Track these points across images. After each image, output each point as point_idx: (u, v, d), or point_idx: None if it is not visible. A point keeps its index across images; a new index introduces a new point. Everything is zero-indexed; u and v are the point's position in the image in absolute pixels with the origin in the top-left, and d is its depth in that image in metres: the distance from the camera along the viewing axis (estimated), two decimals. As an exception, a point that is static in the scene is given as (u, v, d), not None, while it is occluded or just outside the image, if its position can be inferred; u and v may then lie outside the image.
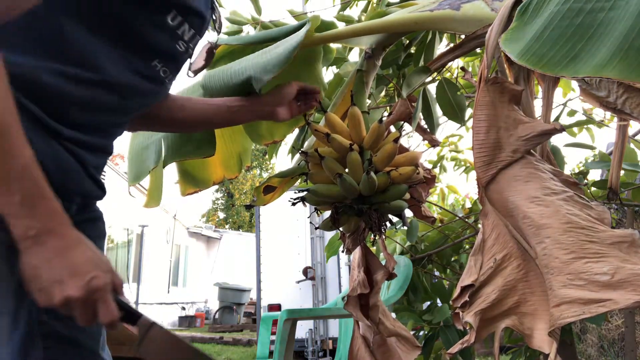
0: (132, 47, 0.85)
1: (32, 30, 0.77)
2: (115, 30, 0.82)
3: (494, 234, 0.89)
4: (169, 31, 0.88)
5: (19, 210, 0.65)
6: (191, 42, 0.94)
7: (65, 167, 0.80)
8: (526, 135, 0.87)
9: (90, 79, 0.81)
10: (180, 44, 0.91)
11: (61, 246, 0.67)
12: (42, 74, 0.75)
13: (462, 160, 3.05)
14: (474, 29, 1.12)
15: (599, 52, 0.72)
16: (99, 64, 0.81)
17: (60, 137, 0.79)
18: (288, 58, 1.10)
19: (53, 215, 0.67)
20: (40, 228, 0.66)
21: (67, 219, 0.69)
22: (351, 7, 2.24)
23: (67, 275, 0.66)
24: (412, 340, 1.26)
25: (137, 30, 0.84)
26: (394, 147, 1.12)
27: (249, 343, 8.96)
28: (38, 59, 0.76)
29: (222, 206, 25.10)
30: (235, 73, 1.16)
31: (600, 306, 0.67)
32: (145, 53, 0.88)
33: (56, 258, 0.66)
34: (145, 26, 0.84)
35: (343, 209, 1.13)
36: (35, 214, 0.65)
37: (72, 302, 0.66)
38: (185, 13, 0.89)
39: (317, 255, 6.79)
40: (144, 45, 0.86)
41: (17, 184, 0.64)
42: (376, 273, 1.25)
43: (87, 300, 0.67)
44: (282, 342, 2.28)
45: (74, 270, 0.66)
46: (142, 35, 0.85)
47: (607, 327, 3.39)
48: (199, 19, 0.94)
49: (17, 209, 0.65)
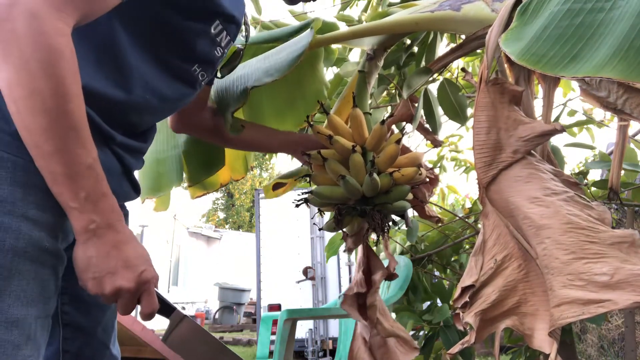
0: (176, 54, 0.88)
1: (89, 37, 0.78)
2: (161, 39, 0.85)
3: (495, 234, 0.90)
4: (210, 39, 0.91)
5: (83, 205, 0.69)
6: (227, 47, 0.98)
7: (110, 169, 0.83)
8: (526, 136, 0.87)
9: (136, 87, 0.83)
10: (218, 50, 0.95)
11: (117, 240, 0.71)
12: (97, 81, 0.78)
13: (462, 161, 3.05)
14: (475, 29, 1.12)
15: (599, 52, 0.72)
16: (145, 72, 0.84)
17: (113, 142, 0.83)
18: (291, 65, 1.11)
19: (112, 212, 0.72)
20: (100, 222, 0.70)
21: (122, 216, 0.74)
22: (351, 7, 2.25)
23: (121, 267, 0.71)
24: (411, 342, 1.26)
25: (182, 38, 0.87)
26: (396, 148, 1.12)
27: (249, 343, 8.96)
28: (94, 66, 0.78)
29: (222, 206, 25.10)
30: (237, 79, 1.17)
31: (600, 306, 0.67)
32: (187, 59, 0.91)
33: (112, 251, 0.71)
34: (190, 35, 0.87)
35: (346, 210, 1.13)
36: (97, 209, 0.70)
37: (122, 292, 0.72)
38: (227, 22, 0.92)
39: (317, 255, 6.79)
40: (187, 53, 0.90)
41: (84, 180, 0.68)
42: (375, 273, 1.25)
43: (136, 291, 0.73)
44: (282, 342, 2.28)
45: (128, 263, 0.72)
46: (186, 43, 0.88)
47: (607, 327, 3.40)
48: (237, 26, 0.97)
49: (82, 203, 0.69)
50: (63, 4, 0.67)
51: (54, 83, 0.65)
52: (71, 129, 0.67)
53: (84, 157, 0.68)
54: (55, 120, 0.65)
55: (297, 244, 6.94)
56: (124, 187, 0.90)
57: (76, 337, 0.90)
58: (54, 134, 0.66)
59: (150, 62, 0.85)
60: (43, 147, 0.66)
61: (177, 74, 0.90)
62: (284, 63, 1.12)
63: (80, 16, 0.70)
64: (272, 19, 2.01)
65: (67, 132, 0.66)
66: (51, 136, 0.66)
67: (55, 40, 0.65)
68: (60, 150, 0.66)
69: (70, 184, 0.68)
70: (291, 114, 1.52)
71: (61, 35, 0.66)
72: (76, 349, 0.91)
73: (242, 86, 1.13)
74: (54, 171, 0.67)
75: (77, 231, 0.70)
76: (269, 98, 1.49)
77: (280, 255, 6.95)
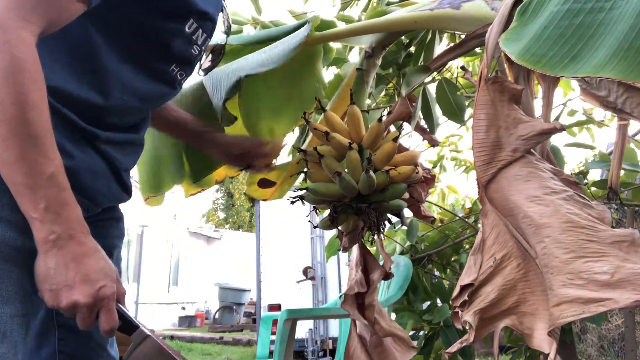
0: (152, 55, 0.88)
1: (63, 41, 0.78)
2: (136, 41, 0.85)
3: (494, 233, 0.89)
4: (186, 37, 0.90)
5: (43, 215, 0.68)
6: (203, 44, 0.97)
7: (96, 171, 0.83)
8: (526, 135, 0.87)
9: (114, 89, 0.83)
10: (194, 48, 0.94)
11: (78, 252, 0.69)
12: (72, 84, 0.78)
13: (462, 160, 3.05)
14: (474, 28, 1.11)
15: (599, 52, 0.72)
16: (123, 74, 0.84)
17: (97, 140, 0.83)
18: (287, 56, 1.11)
19: (74, 223, 0.70)
20: (61, 233, 0.68)
21: (87, 227, 0.72)
22: (351, 7, 2.24)
23: (79, 280, 0.69)
24: (408, 341, 1.26)
25: (158, 39, 0.87)
26: (393, 146, 1.12)
27: (249, 343, 8.96)
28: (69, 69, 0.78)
29: (222, 206, 25.09)
30: (232, 72, 1.17)
31: (600, 305, 0.67)
32: (164, 60, 0.91)
33: (71, 263, 0.69)
34: (165, 35, 0.87)
35: (342, 207, 1.12)
36: (58, 220, 0.68)
37: (79, 307, 0.69)
38: (201, 19, 0.91)
39: (317, 255, 6.79)
40: (163, 53, 0.89)
41: (44, 190, 0.67)
42: (373, 272, 1.25)
43: (93, 307, 0.70)
44: (282, 342, 2.28)
45: (86, 277, 0.69)
46: (162, 44, 0.88)
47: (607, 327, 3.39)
48: (212, 22, 0.96)
49: (42, 214, 0.67)
50: (28, 12, 0.67)
51: (13, 92, 0.64)
52: (31, 137, 0.66)
53: (45, 167, 0.67)
54: (14, 129, 0.65)
55: (297, 244, 6.93)
56: (112, 189, 0.90)
57: (71, 338, 0.91)
58: (13, 143, 0.65)
59: (127, 65, 0.84)
60: (3, 156, 0.66)
61: (155, 75, 0.90)
62: (280, 55, 1.12)
63: (46, 24, 0.70)
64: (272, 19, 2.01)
65: (27, 140, 0.66)
66: (10, 145, 0.65)
67: (18, 49, 0.65)
68: (20, 160, 0.66)
69: (30, 194, 0.67)
70: (287, 111, 1.51)
71: (24, 44, 0.66)
72: (71, 350, 0.91)
73: (236, 76, 1.13)
74: (15, 181, 0.67)
75: (37, 241, 0.69)
76: (266, 94, 1.48)
77: (280, 255, 6.95)
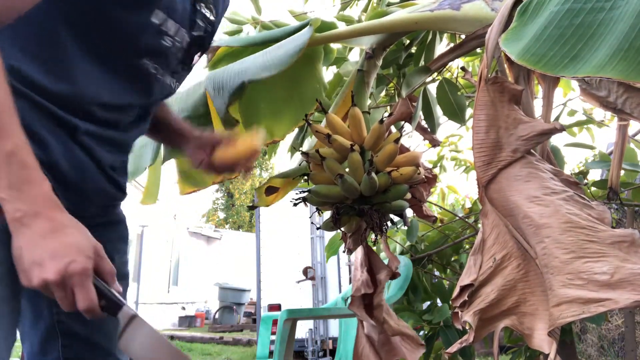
0: (121, 48, 0.86)
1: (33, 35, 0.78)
2: (100, 34, 0.83)
3: (494, 233, 0.89)
4: (155, 29, 0.88)
5: (8, 193, 0.66)
6: (177, 34, 0.93)
7: (80, 166, 0.82)
8: (526, 135, 0.87)
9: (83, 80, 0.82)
10: (166, 40, 0.91)
11: (46, 229, 0.67)
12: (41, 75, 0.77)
13: (462, 160, 3.05)
14: (474, 29, 1.12)
15: (599, 52, 0.72)
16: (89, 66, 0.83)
17: (77, 131, 0.81)
18: (289, 61, 1.11)
19: (40, 199, 0.68)
20: (26, 210, 0.67)
21: (57, 202, 0.70)
22: (351, 7, 2.24)
23: (47, 257, 0.66)
24: (417, 339, 1.26)
25: (124, 32, 0.85)
26: (395, 147, 1.12)
27: (249, 343, 8.96)
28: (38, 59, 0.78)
29: (222, 206, 25.08)
30: (234, 75, 1.17)
31: (600, 306, 0.67)
32: (133, 53, 0.88)
33: (40, 240, 0.67)
34: (129, 27, 0.85)
35: (344, 209, 1.13)
36: (22, 197, 0.67)
37: (49, 285, 0.66)
38: (168, 8, 0.89)
39: (317, 255, 6.79)
40: (131, 47, 0.87)
41: (6, 168, 0.66)
42: (379, 273, 1.25)
43: (64, 284, 0.67)
44: (282, 342, 2.28)
45: (54, 253, 0.66)
46: (129, 37, 0.86)
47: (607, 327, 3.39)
48: (181, 11, 0.93)
49: (6, 192, 0.66)
50: None
51: None
52: None
53: (2, 144, 0.66)
54: None
55: (297, 244, 6.93)
56: (100, 184, 0.88)
57: (74, 345, 0.90)
58: None
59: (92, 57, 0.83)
60: None
61: (124, 68, 0.88)
62: (282, 58, 1.12)
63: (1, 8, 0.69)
64: (272, 18, 2.01)
65: None
66: None
67: None
68: None
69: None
70: (288, 113, 1.52)
71: None
72: (76, 356, 0.90)
73: (239, 80, 1.13)
74: None
75: (8, 221, 0.67)
76: (266, 96, 1.48)
77: (280, 255, 6.94)
